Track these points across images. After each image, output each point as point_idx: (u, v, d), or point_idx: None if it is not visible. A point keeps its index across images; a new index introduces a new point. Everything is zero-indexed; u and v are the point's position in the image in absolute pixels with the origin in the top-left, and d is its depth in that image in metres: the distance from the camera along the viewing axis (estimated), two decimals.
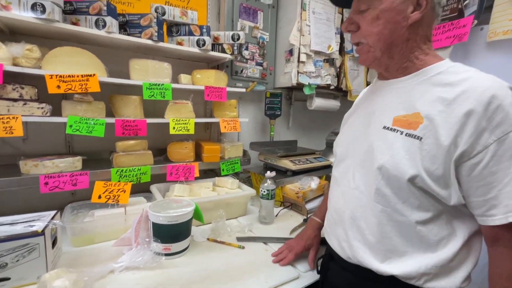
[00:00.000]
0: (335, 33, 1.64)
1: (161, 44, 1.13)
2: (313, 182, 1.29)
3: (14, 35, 1.02)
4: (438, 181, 0.53)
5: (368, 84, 1.86)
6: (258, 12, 1.54)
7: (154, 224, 0.81)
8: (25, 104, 0.90)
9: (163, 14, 1.15)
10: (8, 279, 0.65)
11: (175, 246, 0.83)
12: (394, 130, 0.58)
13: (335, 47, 1.64)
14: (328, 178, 1.58)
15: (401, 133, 0.56)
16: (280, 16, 1.62)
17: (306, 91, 1.61)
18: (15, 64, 0.89)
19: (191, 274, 0.76)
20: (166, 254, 0.82)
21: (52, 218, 0.75)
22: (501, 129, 0.48)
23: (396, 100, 0.61)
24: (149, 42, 1.10)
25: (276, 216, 1.19)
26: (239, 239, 0.97)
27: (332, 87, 1.71)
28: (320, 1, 1.56)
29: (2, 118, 0.84)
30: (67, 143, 1.19)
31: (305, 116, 1.96)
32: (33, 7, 0.88)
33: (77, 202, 1.02)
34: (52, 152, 1.14)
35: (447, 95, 0.53)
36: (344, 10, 1.67)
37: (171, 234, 0.82)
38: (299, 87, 1.61)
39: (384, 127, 0.60)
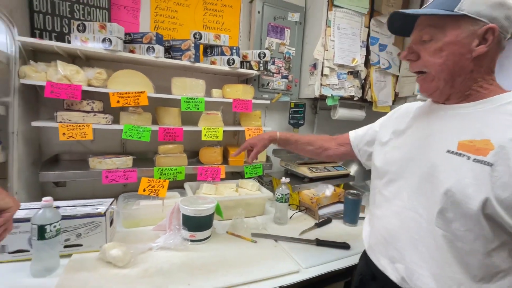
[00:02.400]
0: (361, 46, 1.70)
1: (197, 64, 1.34)
2: (328, 190, 1.38)
3: (88, 61, 1.32)
4: (509, 210, 0.51)
5: (396, 95, 1.87)
6: (285, 29, 1.67)
7: (183, 215, 1.01)
8: (94, 115, 1.17)
9: (200, 38, 1.36)
10: (81, 245, 0.90)
11: (199, 235, 1.02)
12: (460, 154, 0.56)
13: (359, 60, 1.69)
14: (347, 187, 1.65)
15: (468, 158, 0.55)
16: (307, 32, 1.73)
17: (329, 102, 1.69)
18: (89, 85, 1.17)
19: (209, 258, 0.94)
20: (192, 240, 1.01)
21: (111, 204, 0.99)
22: None
23: (460, 125, 0.59)
24: (187, 63, 1.32)
25: (290, 218, 1.32)
26: (253, 234, 1.12)
27: (356, 98, 1.77)
28: (346, 17, 1.64)
29: (79, 126, 1.13)
30: (122, 145, 1.47)
31: (330, 125, 2.03)
32: (103, 41, 1.14)
33: (127, 192, 1.28)
34: (111, 151, 1.43)
35: None
36: (370, 23, 1.72)
37: (196, 224, 1.01)
38: (323, 98, 1.70)
39: (448, 151, 0.58)
